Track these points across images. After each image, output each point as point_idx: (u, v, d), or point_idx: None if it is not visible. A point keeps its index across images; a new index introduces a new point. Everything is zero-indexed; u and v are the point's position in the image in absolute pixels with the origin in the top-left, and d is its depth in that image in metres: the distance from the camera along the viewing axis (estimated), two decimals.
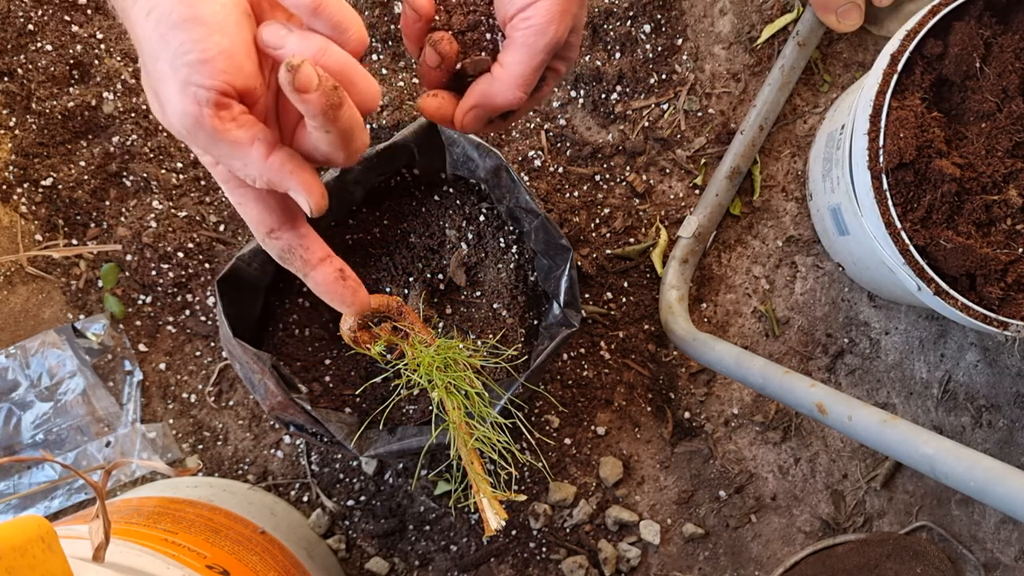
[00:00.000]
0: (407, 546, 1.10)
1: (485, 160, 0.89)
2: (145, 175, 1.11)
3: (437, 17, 0.57)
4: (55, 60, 1.11)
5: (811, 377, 0.95)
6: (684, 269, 1.10)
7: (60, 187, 1.10)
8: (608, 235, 1.12)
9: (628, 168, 1.13)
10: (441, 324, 0.94)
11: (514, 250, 0.95)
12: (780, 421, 1.12)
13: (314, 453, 1.11)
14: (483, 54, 0.57)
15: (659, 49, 1.12)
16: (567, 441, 1.11)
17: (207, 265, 1.11)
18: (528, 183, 1.12)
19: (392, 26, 1.12)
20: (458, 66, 0.57)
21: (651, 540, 1.10)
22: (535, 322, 0.96)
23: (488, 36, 0.57)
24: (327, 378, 0.94)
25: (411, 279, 0.95)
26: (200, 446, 1.11)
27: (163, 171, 1.12)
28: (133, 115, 1.11)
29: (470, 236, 0.94)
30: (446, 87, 0.58)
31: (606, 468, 1.10)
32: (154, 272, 1.09)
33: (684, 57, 1.13)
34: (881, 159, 0.82)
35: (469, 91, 0.58)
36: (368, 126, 1.08)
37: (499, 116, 0.62)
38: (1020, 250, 0.83)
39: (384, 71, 1.13)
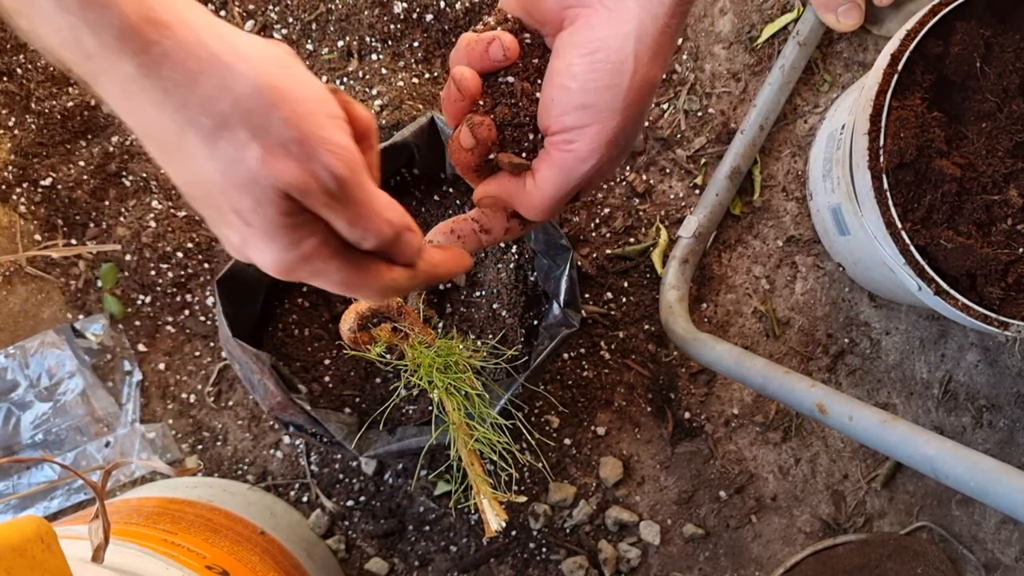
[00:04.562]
0: (407, 547, 1.10)
1: None
2: (144, 175, 1.11)
3: (481, 102, 0.53)
4: None
5: (811, 377, 0.95)
6: (684, 269, 1.10)
7: (59, 187, 1.10)
8: (608, 235, 1.12)
9: (628, 168, 1.13)
10: (441, 324, 0.94)
11: (514, 250, 0.94)
12: (780, 421, 1.12)
13: (314, 453, 1.11)
14: (523, 155, 0.53)
15: None
16: (567, 441, 1.11)
17: (206, 265, 1.10)
18: None
19: (392, 26, 1.12)
20: (491, 156, 0.54)
21: (651, 540, 1.10)
22: (535, 322, 0.95)
23: (531, 137, 0.53)
24: (327, 378, 0.94)
25: None
26: (199, 446, 1.11)
27: (162, 171, 1.11)
28: None
29: None
30: (474, 169, 0.56)
31: (606, 468, 1.10)
32: (153, 272, 1.09)
33: (684, 57, 1.13)
34: (881, 159, 0.81)
35: (499, 182, 0.55)
36: None
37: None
38: (1020, 250, 0.83)
39: (384, 71, 1.12)
